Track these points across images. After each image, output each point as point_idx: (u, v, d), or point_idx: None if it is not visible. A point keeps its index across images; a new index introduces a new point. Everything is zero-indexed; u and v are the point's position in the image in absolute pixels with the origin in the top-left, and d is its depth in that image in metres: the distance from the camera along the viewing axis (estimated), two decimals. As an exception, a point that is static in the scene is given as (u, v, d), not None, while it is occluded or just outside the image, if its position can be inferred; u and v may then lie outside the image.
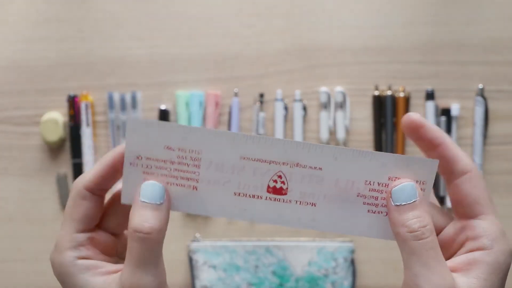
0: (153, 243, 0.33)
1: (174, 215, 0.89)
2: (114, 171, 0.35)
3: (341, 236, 0.86)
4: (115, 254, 0.38)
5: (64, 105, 0.88)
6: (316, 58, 0.86)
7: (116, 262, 0.37)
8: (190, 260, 0.85)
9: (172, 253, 0.89)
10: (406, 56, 0.86)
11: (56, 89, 0.89)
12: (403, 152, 0.86)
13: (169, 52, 0.88)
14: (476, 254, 0.33)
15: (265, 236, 0.88)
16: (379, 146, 0.86)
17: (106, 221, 0.37)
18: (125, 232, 0.38)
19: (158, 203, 0.33)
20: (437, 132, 0.34)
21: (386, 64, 0.86)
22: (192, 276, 0.85)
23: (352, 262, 0.85)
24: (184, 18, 0.87)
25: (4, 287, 0.91)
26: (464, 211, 0.34)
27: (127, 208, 0.35)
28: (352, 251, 0.85)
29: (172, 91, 0.88)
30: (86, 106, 0.87)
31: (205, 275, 0.84)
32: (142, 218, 0.33)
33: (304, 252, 0.84)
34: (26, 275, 0.90)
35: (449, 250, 0.35)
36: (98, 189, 0.35)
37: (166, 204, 0.34)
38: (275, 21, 0.86)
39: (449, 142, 0.34)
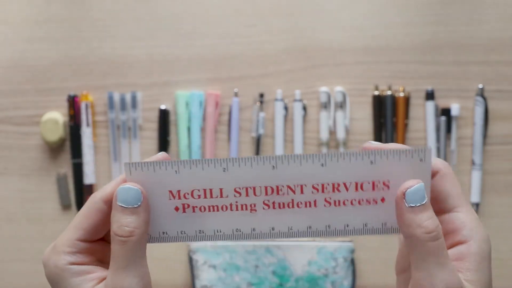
0: (133, 245, 0.34)
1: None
2: None
3: (341, 236, 0.86)
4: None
5: (64, 105, 0.88)
6: (316, 58, 0.86)
7: None
8: (190, 260, 0.85)
9: (172, 253, 0.89)
10: (406, 56, 0.86)
11: (56, 89, 0.89)
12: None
13: (169, 52, 0.88)
14: (461, 248, 0.34)
15: (265, 236, 0.88)
16: (379, 146, 0.86)
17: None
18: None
19: (136, 206, 0.34)
20: (396, 144, 0.35)
21: (386, 64, 0.86)
22: (192, 276, 0.85)
23: (352, 262, 0.85)
24: (184, 18, 0.87)
25: (4, 287, 0.91)
26: (439, 207, 0.35)
27: None
28: (352, 251, 0.85)
29: (172, 91, 0.88)
30: (86, 106, 0.87)
31: (205, 275, 0.84)
32: (122, 222, 0.34)
33: (304, 252, 0.84)
34: (26, 275, 0.90)
35: None
36: None
37: (144, 206, 0.34)
38: (275, 21, 0.86)
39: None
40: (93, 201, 0.35)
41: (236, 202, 0.34)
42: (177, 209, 0.35)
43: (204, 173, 0.34)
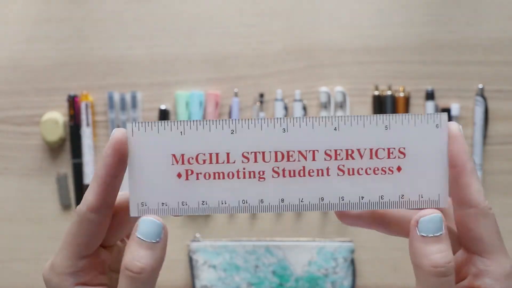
0: (143, 283, 0.31)
1: (174, 215, 0.89)
2: (113, 185, 0.33)
3: (341, 236, 0.86)
4: (108, 269, 0.36)
5: (64, 105, 0.88)
6: (316, 58, 0.86)
7: (110, 278, 0.36)
8: (190, 260, 0.85)
9: (172, 253, 0.88)
10: (406, 56, 0.86)
11: (56, 89, 0.89)
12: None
13: (169, 52, 0.88)
14: None
15: (265, 236, 0.88)
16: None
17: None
18: (119, 244, 0.37)
19: (154, 241, 0.32)
20: (463, 152, 0.32)
21: (386, 64, 0.86)
22: (192, 276, 0.85)
23: (352, 262, 0.85)
24: (184, 18, 0.87)
25: (4, 287, 0.91)
26: (468, 244, 0.33)
27: (122, 221, 0.34)
28: (352, 251, 0.85)
29: (172, 91, 0.88)
30: (86, 106, 0.87)
31: (205, 275, 0.84)
32: (134, 256, 0.31)
33: (304, 252, 0.84)
34: (26, 275, 0.90)
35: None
36: (103, 207, 0.33)
37: (162, 243, 0.32)
38: (275, 21, 0.86)
39: (468, 168, 0.32)
40: (81, 214, 0.33)
41: (244, 168, 0.32)
42: (179, 175, 0.32)
43: (211, 135, 0.32)
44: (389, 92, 0.85)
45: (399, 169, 0.32)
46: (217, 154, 0.32)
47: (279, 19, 0.86)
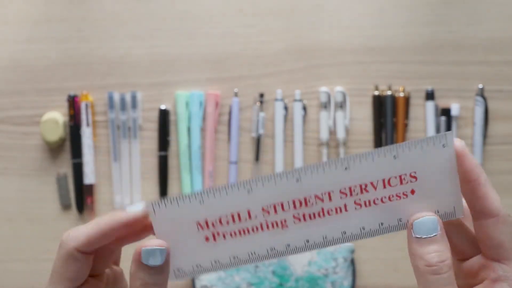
0: None
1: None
2: (110, 235, 0.34)
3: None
4: None
5: (64, 105, 0.88)
6: (316, 58, 0.86)
7: None
8: (190, 260, 0.85)
9: (172, 253, 0.88)
10: (406, 56, 0.86)
11: (56, 89, 0.89)
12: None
13: (169, 52, 0.88)
14: None
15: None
16: (379, 146, 0.86)
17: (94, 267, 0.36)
18: (107, 271, 0.37)
19: (161, 264, 0.33)
20: (475, 166, 0.33)
21: (386, 64, 0.86)
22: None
23: (352, 262, 0.85)
24: (184, 18, 0.87)
25: (4, 287, 0.91)
26: (488, 251, 0.34)
27: (109, 251, 0.35)
28: (352, 251, 0.85)
29: (172, 91, 0.88)
30: (86, 106, 0.87)
31: (205, 275, 0.84)
32: (146, 280, 0.32)
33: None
34: (26, 275, 0.90)
35: (470, 280, 0.35)
36: (91, 251, 0.34)
37: (167, 263, 0.33)
38: (275, 21, 0.86)
39: (482, 180, 0.33)
40: (68, 250, 0.33)
41: (266, 221, 0.33)
42: (207, 239, 0.34)
43: (228, 198, 0.33)
44: (389, 92, 0.85)
45: (412, 192, 0.33)
46: (238, 213, 0.33)
47: (279, 19, 0.86)
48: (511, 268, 0.33)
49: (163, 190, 0.88)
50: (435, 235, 0.32)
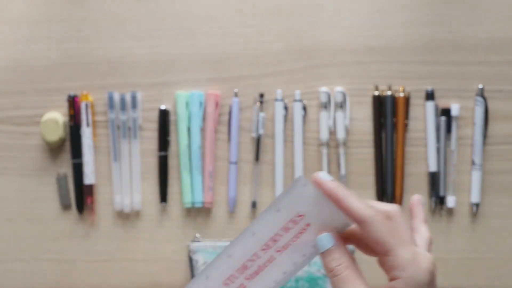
0: None
1: (173, 214, 0.89)
2: None
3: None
4: None
5: (64, 105, 0.88)
6: (316, 58, 0.86)
7: None
8: (190, 260, 0.85)
9: (172, 253, 0.89)
10: (406, 56, 0.86)
11: (56, 89, 0.89)
12: (403, 152, 0.86)
13: (169, 52, 0.88)
14: (391, 284, 0.41)
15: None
16: (379, 146, 0.86)
17: None
18: None
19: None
20: (331, 188, 0.40)
21: (386, 64, 0.86)
22: (192, 276, 0.85)
23: (352, 262, 0.85)
24: (184, 18, 0.87)
25: (4, 287, 0.91)
26: (376, 250, 0.41)
27: None
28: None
29: (172, 91, 0.88)
30: (86, 106, 0.87)
31: (205, 275, 0.84)
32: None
33: (304, 252, 0.84)
34: (26, 275, 0.90)
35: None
36: None
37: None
38: (275, 21, 0.86)
39: (341, 196, 0.39)
40: None
41: None
42: None
43: (194, 285, 0.41)
44: (389, 92, 0.85)
45: (308, 225, 0.40)
46: None
47: (279, 19, 0.86)
48: (393, 257, 0.40)
49: (163, 190, 0.88)
50: (331, 247, 0.41)
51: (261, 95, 0.87)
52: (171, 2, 0.87)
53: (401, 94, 0.85)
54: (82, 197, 0.89)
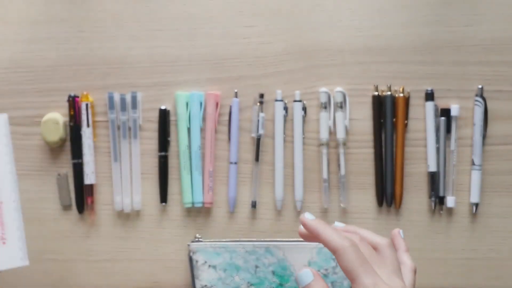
0: None
1: (174, 214, 0.89)
2: None
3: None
4: None
5: (65, 105, 0.88)
6: (316, 58, 0.86)
7: None
8: (190, 260, 0.85)
9: (172, 253, 0.89)
10: (406, 56, 0.86)
11: (57, 89, 0.89)
12: (402, 152, 0.86)
13: (169, 52, 0.88)
14: None
15: (265, 236, 0.88)
16: (378, 146, 0.86)
17: None
18: None
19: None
20: (311, 225, 0.49)
21: (386, 64, 0.86)
22: (192, 276, 0.85)
23: (352, 262, 0.85)
24: (184, 18, 0.87)
25: (4, 287, 0.91)
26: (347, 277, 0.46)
27: None
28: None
29: (172, 91, 0.88)
30: (87, 106, 0.87)
31: (205, 275, 0.84)
32: None
33: (304, 252, 0.84)
34: (26, 275, 0.90)
35: None
36: None
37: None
38: (275, 21, 0.86)
39: (320, 231, 0.48)
40: None
41: None
42: None
43: None
44: (389, 93, 0.85)
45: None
46: None
47: (279, 19, 0.86)
48: (357, 285, 0.45)
49: (163, 190, 0.88)
50: (310, 282, 0.46)
51: (261, 95, 0.87)
52: (171, 2, 0.87)
53: (401, 95, 0.86)
54: (82, 197, 0.89)
